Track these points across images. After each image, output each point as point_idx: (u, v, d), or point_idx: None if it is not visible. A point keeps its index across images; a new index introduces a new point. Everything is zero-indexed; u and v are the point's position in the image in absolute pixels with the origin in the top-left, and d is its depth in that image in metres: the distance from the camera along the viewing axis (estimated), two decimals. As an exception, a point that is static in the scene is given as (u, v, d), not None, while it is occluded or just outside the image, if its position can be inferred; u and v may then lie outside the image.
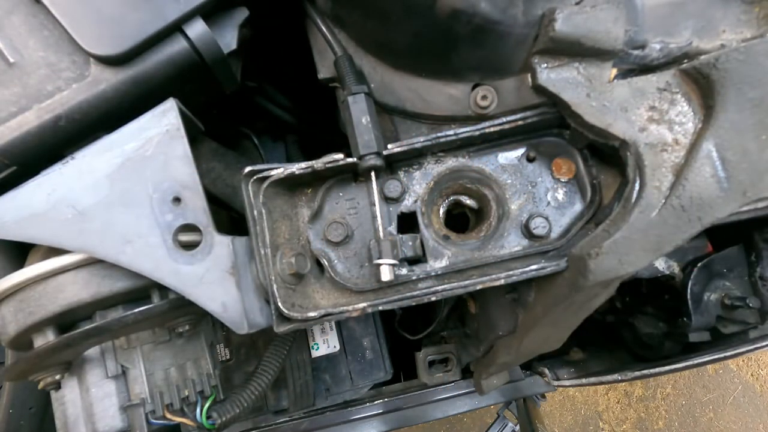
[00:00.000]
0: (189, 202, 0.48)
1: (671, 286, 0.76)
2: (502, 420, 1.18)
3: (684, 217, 0.43)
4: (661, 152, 0.45)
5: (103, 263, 0.50)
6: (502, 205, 0.54)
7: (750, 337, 0.75)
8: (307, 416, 0.94)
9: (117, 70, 0.47)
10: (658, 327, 0.83)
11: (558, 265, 0.48)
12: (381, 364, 0.92)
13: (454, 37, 0.46)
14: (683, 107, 0.45)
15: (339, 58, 0.52)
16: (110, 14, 0.45)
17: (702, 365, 0.71)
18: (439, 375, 0.95)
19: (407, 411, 0.99)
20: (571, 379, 0.87)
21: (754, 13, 0.46)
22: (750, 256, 0.75)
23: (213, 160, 0.65)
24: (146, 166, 0.47)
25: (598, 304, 0.51)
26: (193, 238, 0.49)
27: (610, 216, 0.47)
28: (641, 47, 0.46)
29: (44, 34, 0.46)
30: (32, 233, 0.46)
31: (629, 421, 2.12)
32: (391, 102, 0.53)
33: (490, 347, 0.67)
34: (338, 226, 0.52)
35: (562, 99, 0.46)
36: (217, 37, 0.49)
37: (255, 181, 0.49)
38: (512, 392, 1.04)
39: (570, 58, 0.46)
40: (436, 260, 0.53)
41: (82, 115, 0.47)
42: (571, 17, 0.44)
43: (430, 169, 0.54)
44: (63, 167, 0.47)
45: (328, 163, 0.49)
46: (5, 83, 0.46)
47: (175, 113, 0.48)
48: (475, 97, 0.51)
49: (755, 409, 2.10)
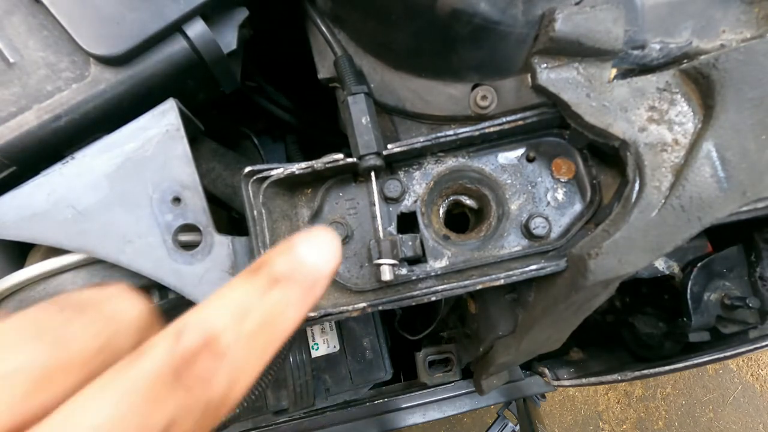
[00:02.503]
0: (189, 202, 0.48)
1: (671, 286, 0.76)
2: (502, 420, 1.18)
3: (684, 217, 0.43)
4: (661, 152, 0.45)
5: (103, 263, 0.50)
6: (502, 205, 0.54)
7: (750, 337, 0.75)
8: (307, 416, 0.94)
9: (117, 71, 0.47)
10: (658, 327, 0.83)
11: (558, 265, 0.48)
12: (381, 364, 0.92)
13: (454, 37, 0.46)
14: (683, 107, 0.45)
15: (339, 58, 0.52)
16: (110, 14, 0.45)
17: (702, 365, 0.71)
18: (439, 375, 0.95)
19: (407, 411, 0.99)
20: (571, 379, 0.88)
21: (754, 13, 0.46)
22: (750, 256, 0.75)
23: (213, 160, 0.65)
24: (146, 166, 0.47)
25: (598, 304, 0.51)
26: (193, 238, 0.49)
27: (610, 216, 0.47)
28: (641, 47, 0.46)
29: (44, 34, 0.46)
30: (32, 233, 0.46)
31: (629, 421, 2.12)
32: (391, 102, 0.53)
33: (490, 347, 0.67)
34: (338, 226, 0.52)
35: (562, 99, 0.46)
36: (217, 37, 0.49)
37: (255, 181, 0.49)
38: (512, 392, 1.04)
39: (570, 58, 0.46)
40: (436, 260, 0.53)
41: (82, 115, 0.47)
42: (571, 17, 0.44)
43: (430, 169, 0.54)
44: (63, 167, 0.47)
45: (328, 163, 0.49)
46: (5, 83, 0.46)
47: (175, 113, 0.48)
48: (475, 97, 0.51)
49: (755, 409, 2.10)
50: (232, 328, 0.23)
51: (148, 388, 0.20)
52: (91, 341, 0.22)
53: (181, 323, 0.23)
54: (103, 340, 0.23)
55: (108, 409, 0.19)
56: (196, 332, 0.22)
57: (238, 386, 0.23)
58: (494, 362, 0.66)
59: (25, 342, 0.21)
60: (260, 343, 0.24)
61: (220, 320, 0.23)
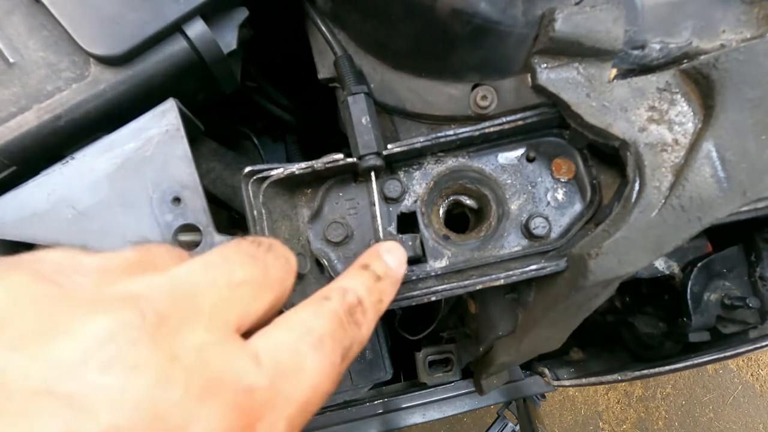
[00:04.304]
0: (189, 202, 0.48)
1: (671, 286, 0.76)
2: (502, 420, 1.18)
3: (684, 217, 0.43)
4: (661, 152, 0.45)
5: (103, 263, 0.50)
6: (502, 205, 0.54)
7: (750, 337, 0.75)
8: (307, 416, 0.94)
9: (117, 70, 0.47)
10: (658, 327, 0.83)
11: (558, 265, 0.48)
12: (381, 364, 0.92)
13: (454, 37, 0.46)
14: (683, 107, 0.45)
15: (339, 58, 0.52)
16: (110, 14, 0.45)
17: (702, 365, 0.71)
18: (439, 375, 0.95)
19: (407, 411, 0.99)
20: (571, 379, 0.88)
21: (754, 13, 0.46)
22: (750, 256, 0.75)
23: (213, 160, 0.65)
24: (146, 167, 0.47)
25: (598, 304, 0.51)
26: (193, 238, 0.49)
27: (610, 216, 0.47)
28: (641, 47, 0.46)
29: (44, 34, 0.46)
30: (32, 233, 0.46)
31: (629, 421, 2.12)
32: (391, 102, 0.53)
33: (490, 347, 0.67)
34: (338, 226, 0.52)
35: (562, 99, 0.46)
36: (217, 37, 0.49)
37: (255, 181, 0.49)
38: (512, 392, 1.04)
39: (570, 58, 0.46)
40: (436, 260, 0.53)
41: (82, 115, 0.47)
42: (570, 17, 0.44)
43: (430, 169, 0.54)
44: (63, 167, 0.47)
45: (328, 163, 0.49)
46: (5, 83, 0.46)
47: (175, 113, 0.48)
48: (475, 97, 0.51)
49: (755, 409, 2.10)
50: (367, 298, 0.35)
51: (339, 317, 0.32)
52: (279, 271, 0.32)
53: (342, 285, 0.35)
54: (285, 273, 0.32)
55: (327, 321, 0.31)
56: (353, 294, 0.34)
57: (367, 337, 0.34)
58: (494, 362, 0.66)
59: (245, 263, 0.30)
60: (377, 313, 0.36)
61: (361, 290, 0.35)
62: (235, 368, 0.25)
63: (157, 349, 0.22)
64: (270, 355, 0.27)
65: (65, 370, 0.20)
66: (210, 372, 0.24)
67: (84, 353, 0.21)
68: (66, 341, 0.21)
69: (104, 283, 0.26)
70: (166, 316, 0.24)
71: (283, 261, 0.33)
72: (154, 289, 0.25)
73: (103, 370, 0.21)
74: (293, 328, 0.29)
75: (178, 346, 0.23)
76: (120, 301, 0.23)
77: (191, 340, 0.24)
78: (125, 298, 0.24)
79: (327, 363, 0.29)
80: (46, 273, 0.25)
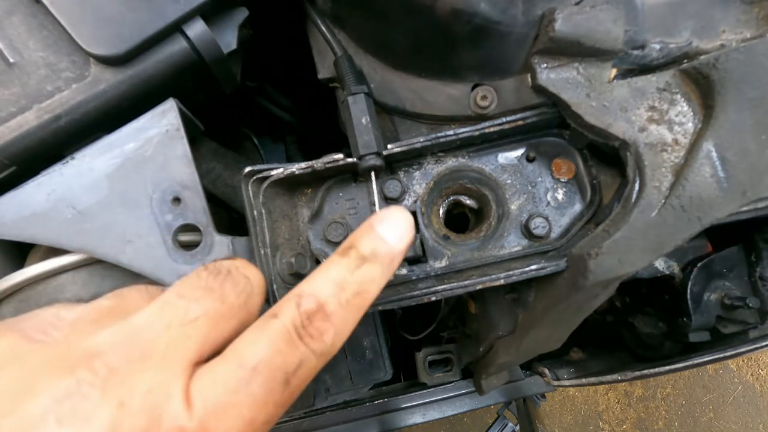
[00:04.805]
0: (189, 202, 0.48)
1: (671, 286, 0.76)
2: (502, 420, 1.18)
3: (684, 217, 0.43)
4: (661, 152, 0.45)
5: (103, 263, 0.50)
6: (502, 205, 0.54)
7: (750, 337, 0.75)
8: (307, 416, 0.94)
9: (117, 70, 0.47)
10: (658, 327, 0.83)
11: (558, 265, 0.48)
12: (381, 364, 0.92)
13: (454, 37, 0.46)
14: (683, 107, 0.45)
15: (339, 58, 0.52)
16: (110, 14, 0.45)
17: (702, 365, 0.71)
18: (439, 375, 0.95)
19: (407, 411, 0.99)
20: (571, 379, 0.88)
21: (754, 13, 0.46)
22: (750, 256, 0.75)
23: (213, 160, 0.65)
24: (146, 167, 0.47)
25: (598, 304, 0.51)
26: (193, 238, 0.49)
27: (610, 216, 0.47)
28: (641, 47, 0.46)
29: (44, 34, 0.46)
30: (32, 233, 0.46)
31: (629, 421, 2.12)
32: (391, 102, 0.53)
33: (490, 347, 0.67)
34: (338, 226, 0.52)
35: (562, 99, 0.46)
36: (217, 37, 0.49)
37: (255, 181, 0.49)
38: (512, 392, 1.04)
39: (570, 58, 0.46)
40: (436, 260, 0.53)
41: (82, 115, 0.47)
42: (570, 17, 0.44)
43: (430, 169, 0.54)
44: (63, 167, 0.47)
45: (328, 163, 0.49)
46: (5, 83, 0.46)
47: (175, 113, 0.48)
48: (475, 97, 0.51)
49: (755, 409, 2.10)
50: (334, 297, 0.32)
51: (286, 335, 0.30)
52: (239, 296, 0.32)
53: (298, 291, 0.32)
54: (244, 297, 0.32)
55: (265, 347, 0.29)
56: (310, 299, 0.31)
57: (339, 340, 0.32)
58: (494, 362, 0.66)
59: (198, 298, 0.31)
60: (354, 309, 0.33)
61: (325, 291, 0.32)
62: (169, 410, 0.27)
63: (106, 400, 0.26)
64: (202, 395, 0.28)
65: (30, 425, 0.25)
66: (152, 413, 0.27)
67: (45, 410, 0.25)
68: (31, 400, 0.25)
69: (75, 337, 0.30)
70: (115, 368, 0.27)
71: (242, 284, 0.33)
72: (110, 342, 0.29)
73: (60, 424, 0.25)
74: (228, 360, 0.29)
75: (126, 393, 0.27)
76: (77, 359, 0.28)
77: (140, 385, 0.27)
78: (82, 356, 0.28)
79: (261, 393, 0.29)
80: (30, 332, 0.30)
